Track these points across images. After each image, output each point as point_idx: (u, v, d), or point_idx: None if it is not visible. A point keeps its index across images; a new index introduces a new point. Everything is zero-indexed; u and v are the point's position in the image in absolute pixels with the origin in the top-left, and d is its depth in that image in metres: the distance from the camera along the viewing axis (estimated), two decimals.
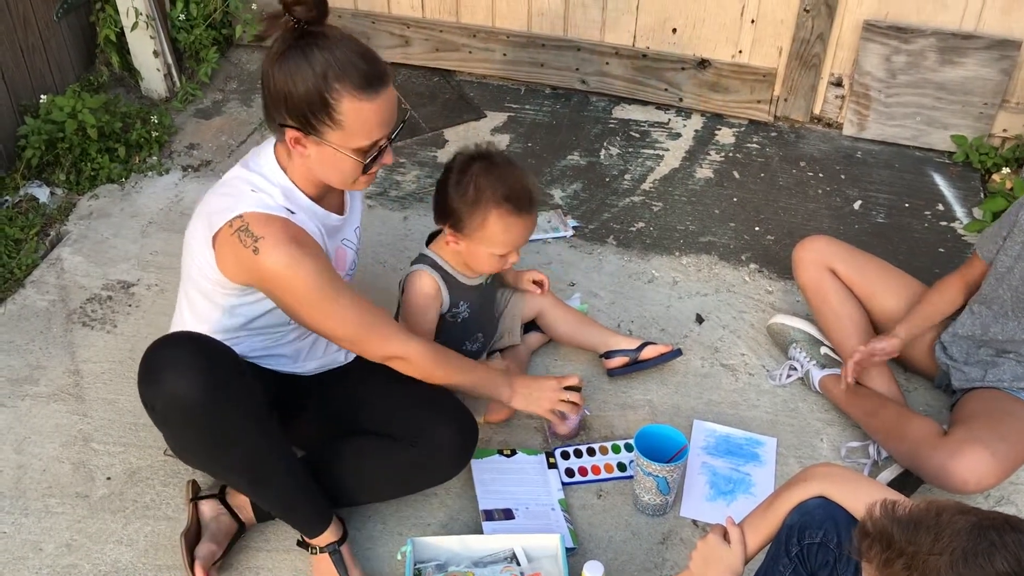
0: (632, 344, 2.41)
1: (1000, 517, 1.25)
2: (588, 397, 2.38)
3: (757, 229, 2.94)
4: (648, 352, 2.40)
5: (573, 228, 2.91)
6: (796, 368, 2.44)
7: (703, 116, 3.37)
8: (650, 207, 3.01)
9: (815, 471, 1.69)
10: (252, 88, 3.47)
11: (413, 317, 2.17)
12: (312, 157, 1.79)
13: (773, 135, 3.30)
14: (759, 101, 3.29)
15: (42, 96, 3.05)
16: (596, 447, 2.28)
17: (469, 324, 2.26)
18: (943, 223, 2.96)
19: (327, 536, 1.94)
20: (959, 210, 3.00)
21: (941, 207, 3.02)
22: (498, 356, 2.41)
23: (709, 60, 3.26)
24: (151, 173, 3.09)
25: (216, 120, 3.34)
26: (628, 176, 3.13)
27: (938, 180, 3.12)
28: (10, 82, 3.02)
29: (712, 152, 3.23)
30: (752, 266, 2.81)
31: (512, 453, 2.24)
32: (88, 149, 3.02)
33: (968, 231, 2.92)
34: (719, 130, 3.32)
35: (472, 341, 2.30)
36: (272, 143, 1.86)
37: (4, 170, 3.01)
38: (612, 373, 2.42)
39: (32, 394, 2.38)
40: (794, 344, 2.46)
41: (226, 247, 1.76)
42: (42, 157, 3.00)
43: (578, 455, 2.26)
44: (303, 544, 1.98)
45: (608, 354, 2.42)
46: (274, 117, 1.78)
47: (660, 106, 3.40)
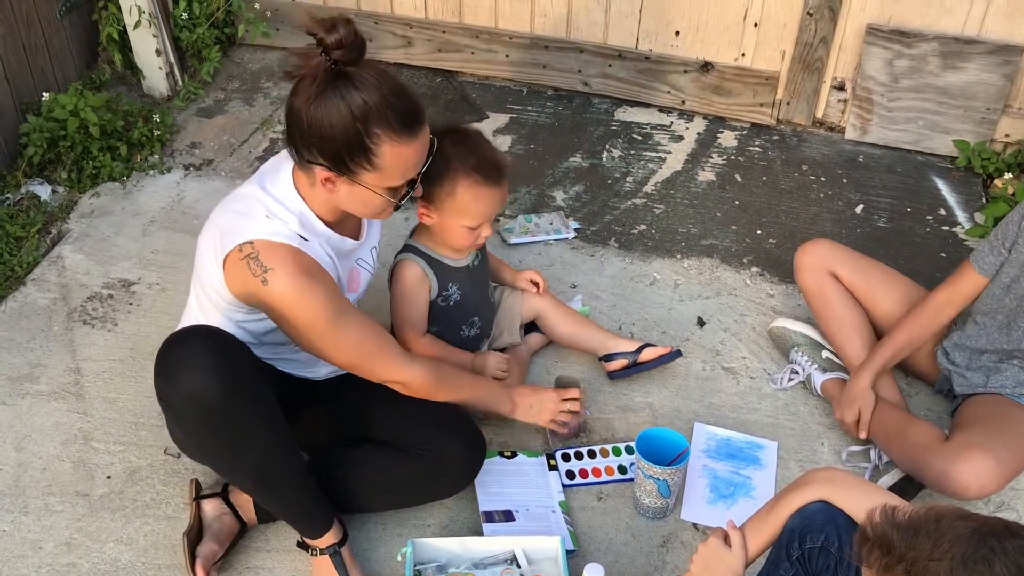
0: (631, 346, 2.41)
1: (1000, 523, 1.25)
2: (589, 399, 2.38)
3: (759, 232, 2.94)
4: (647, 354, 2.40)
5: (575, 230, 2.91)
6: (797, 372, 2.44)
7: (705, 119, 3.37)
8: (652, 210, 3.01)
9: (816, 475, 1.69)
10: (254, 87, 3.47)
11: (403, 306, 2.18)
12: (341, 193, 1.77)
13: (775, 138, 3.30)
14: (761, 104, 3.29)
15: (44, 94, 3.05)
16: (597, 449, 2.28)
17: (463, 307, 2.26)
18: (945, 228, 2.96)
19: (328, 538, 1.93)
20: (961, 215, 3.00)
21: (943, 212, 3.02)
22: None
23: (712, 63, 3.26)
24: (153, 172, 3.08)
25: (218, 119, 3.34)
26: (630, 178, 3.12)
27: (940, 185, 3.12)
28: (12, 80, 3.02)
29: (714, 155, 3.23)
30: (754, 269, 2.80)
31: (513, 455, 2.24)
32: (90, 147, 3.02)
33: (970, 236, 2.91)
34: (721, 133, 3.32)
35: (469, 326, 2.30)
36: (290, 164, 1.82)
37: (6, 168, 3.01)
38: (612, 376, 2.42)
39: (32, 392, 2.38)
40: (795, 348, 2.45)
41: (235, 271, 1.75)
42: (44, 155, 3.00)
43: (579, 457, 2.26)
44: (303, 545, 1.98)
45: (607, 357, 2.42)
46: (303, 155, 1.74)
47: (662, 109, 3.40)
